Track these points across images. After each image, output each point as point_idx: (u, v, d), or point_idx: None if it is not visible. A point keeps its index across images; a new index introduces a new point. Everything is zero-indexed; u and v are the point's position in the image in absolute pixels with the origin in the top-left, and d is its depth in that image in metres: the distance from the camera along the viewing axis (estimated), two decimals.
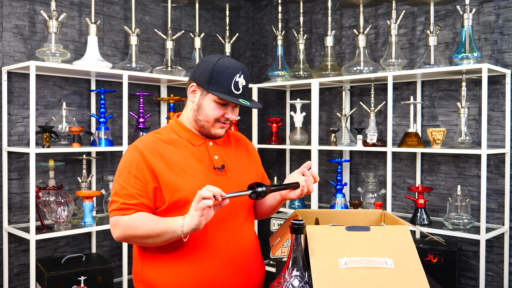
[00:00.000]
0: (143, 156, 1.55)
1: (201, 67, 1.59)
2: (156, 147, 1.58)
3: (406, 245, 1.35)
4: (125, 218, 1.51)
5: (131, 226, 1.49)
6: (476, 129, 2.96)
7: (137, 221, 1.49)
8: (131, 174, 1.54)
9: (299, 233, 1.32)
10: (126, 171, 1.56)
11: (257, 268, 1.66)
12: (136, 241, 1.52)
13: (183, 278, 1.53)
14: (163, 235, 1.45)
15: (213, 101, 1.57)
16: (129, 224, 1.49)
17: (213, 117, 1.59)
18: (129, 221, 1.50)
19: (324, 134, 3.69)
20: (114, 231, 1.54)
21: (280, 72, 3.60)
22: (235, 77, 1.55)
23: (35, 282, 2.66)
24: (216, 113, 1.58)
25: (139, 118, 3.25)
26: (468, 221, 2.78)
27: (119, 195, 1.54)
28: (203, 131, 1.63)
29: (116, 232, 1.53)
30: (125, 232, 1.51)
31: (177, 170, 1.55)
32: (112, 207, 1.55)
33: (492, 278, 2.92)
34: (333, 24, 3.63)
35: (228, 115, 1.59)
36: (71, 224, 2.84)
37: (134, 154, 1.57)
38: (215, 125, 1.60)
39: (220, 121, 1.60)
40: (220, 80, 1.55)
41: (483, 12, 2.95)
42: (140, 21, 3.46)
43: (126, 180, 1.54)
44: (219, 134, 1.63)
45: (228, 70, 1.55)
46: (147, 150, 1.56)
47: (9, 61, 2.84)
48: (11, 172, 2.86)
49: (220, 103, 1.57)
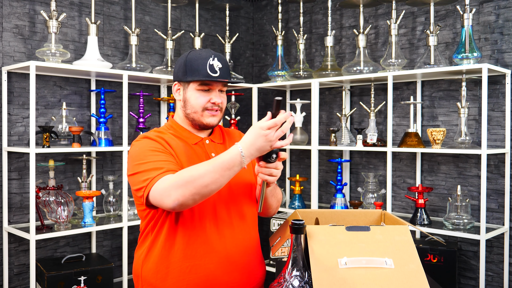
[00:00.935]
0: (156, 141, 1.55)
1: (177, 65, 1.65)
2: (164, 137, 1.59)
3: (406, 245, 1.35)
4: (176, 175, 1.38)
5: (186, 175, 1.35)
6: (476, 129, 2.96)
7: (190, 169, 1.37)
8: (156, 150, 1.50)
9: (299, 233, 1.32)
10: (148, 152, 1.49)
11: (257, 267, 1.66)
12: (200, 191, 1.35)
13: (181, 273, 1.53)
14: (224, 172, 1.35)
15: (195, 90, 1.60)
16: (184, 175, 1.36)
17: (200, 106, 1.60)
18: (182, 174, 1.37)
19: (324, 134, 3.69)
20: (169, 194, 1.36)
21: (280, 72, 3.60)
22: (209, 60, 1.58)
23: (35, 282, 2.67)
24: (201, 101, 1.59)
25: (139, 118, 3.26)
26: (468, 221, 2.78)
27: (156, 165, 1.44)
28: (196, 123, 1.63)
29: (172, 194, 1.35)
30: (184, 186, 1.34)
31: (180, 163, 1.56)
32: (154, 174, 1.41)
33: (492, 278, 2.92)
34: (333, 24, 3.63)
35: (213, 100, 1.60)
36: (71, 224, 2.84)
37: (147, 141, 1.56)
38: (204, 114, 1.61)
39: (208, 109, 1.60)
40: (194, 68, 1.58)
41: (483, 12, 2.95)
42: (140, 21, 3.46)
43: (154, 157, 1.48)
44: (211, 122, 1.62)
45: (200, 56, 1.59)
46: (157, 137, 1.57)
47: (9, 61, 2.84)
48: (11, 172, 2.86)
49: (202, 90, 1.59)
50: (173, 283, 1.53)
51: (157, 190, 1.39)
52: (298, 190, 3.52)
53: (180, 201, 1.35)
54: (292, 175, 3.89)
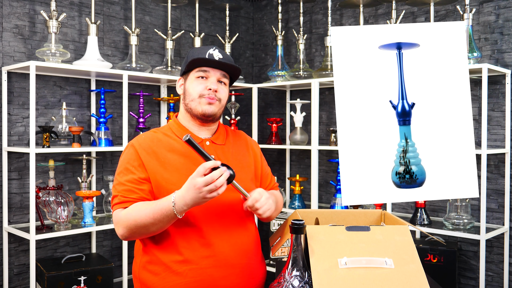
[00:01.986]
0: (137, 153, 1.58)
1: (183, 63, 1.71)
2: (152, 145, 1.60)
3: (406, 245, 1.35)
4: (123, 213, 1.51)
5: (131, 218, 1.49)
6: (476, 129, 2.96)
7: (134, 212, 1.49)
8: (128, 170, 1.57)
9: (299, 233, 1.32)
10: (123, 168, 1.59)
11: (257, 269, 1.65)
12: (142, 232, 1.50)
13: (179, 276, 1.53)
14: (162, 219, 1.45)
15: (194, 78, 1.62)
16: (128, 218, 1.50)
17: (197, 92, 1.61)
18: (127, 215, 1.50)
19: (324, 134, 3.69)
20: (117, 229, 1.54)
21: (280, 72, 3.60)
22: (209, 50, 1.62)
23: (35, 282, 2.67)
24: (198, 88, 1.61)
25: (139, 118, 3.26)
26: (468, 221, 2.78)
27: (118, 190, 1.56)
28: (193, 114, 1.63)
29: (119, 230, 1.53)
30: (128, 227, 1.50)
31: (171, 169, 1.56)
32: (113, 202, 1.57)
33: (492, 278, 2.92)
34: (333, 24, 3.63)
35: (209, 86, 1.61)
36: (71, 224, 2.85)
37: (130, 151, 1.61)
38: (201, 102, 1.61)
39: (205, 96, 1.61)
40: (195, 57, 1.61)
41: (483, 12, 2.95)
42: (140, 21, 3.46)
43: (124, 177, 1.57)
44: (208, 111, 1.61)
45: (201, 48, 1.65)
46: (142, 148, 1.59)
47: (9, 61, 2.84)
48: (11, 172, 2.86)
49: (200, 77, 1.62)
50: (171, 286, 1.53)
51: (113, 221, 1.57)
52: (298, 190, 3.52)
53: (126, 237, 1.53)
54: (292, 175, 3.89)
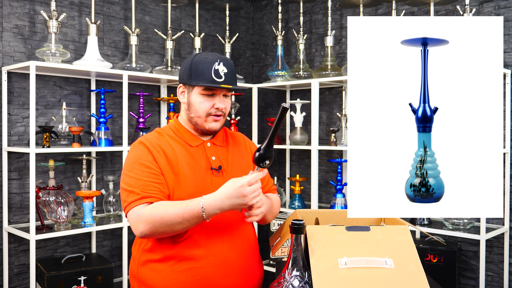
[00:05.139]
0: (149, 150, 1.57)
1: (182, 67, 1.64)
2: (160, 144, 1.60)
3: (406, 245, 1.35)
4: (147, 209, 1.47)
5: (157, 215, 1.45)
6: None
7: (160, 209, 1.46)
8: (143, 165, 1.55)
9: (299, 233, 1.32)
10: (137, 164, 1.55)
11: (254, 269, 1.66)
12: (166, 230, 1.46)
13: (177, 276, 1.53)
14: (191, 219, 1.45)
15: (199, 94, 1.59)
16: (154, 214, 1.45)
17: (203, 111, 1.60)
18: (152, 210, 1.46)
19: (324, 134, 3.69)
20: (137, 226, 1.48)
21: (280, 72, 3.60)
22: (214, 65, 1.58)
23: (35, 282, 2.67)
24: (204, 106, 1.59)
25: (139, 118, 3.26)
26: (468, 221, 2.78)
27: (136, 186, 1.52)
28: (198, 128, 1.63)
29: (140, 227, 1.47)
30: (152, 223, 1.45)
31: (176, 169, 1.57)
32: (131, 199, 1.51)
33: (492, 278, 2.92)
34: (333, 24, 3.64)
35: (217, 105, 1.59)
36: (71, 224, 2.84)
37: (141, 148, 1.59)
38: (207, 119, 1.61)
39: (212, 114, 1.60)
40: (200, 72, 1.57)
41: (483, 12, 2.95)
42: (140, 21, 3.46)
43: (140, 172, 1.54)
44: (214, 128, 1.62)
45: (205, 60, 1.59)
46: (152, 145, 1.59)
47: (9, 61, 2.84)
48: (11, 172, 2.86)
49: (206, 95, 1.59)
50: (169, 286, 1.53)
51: (130, 218, 1.51)
52: (298, 190, 3.52)
53: (147, 235, 1.48)
54: (292, 175, 3.89)
